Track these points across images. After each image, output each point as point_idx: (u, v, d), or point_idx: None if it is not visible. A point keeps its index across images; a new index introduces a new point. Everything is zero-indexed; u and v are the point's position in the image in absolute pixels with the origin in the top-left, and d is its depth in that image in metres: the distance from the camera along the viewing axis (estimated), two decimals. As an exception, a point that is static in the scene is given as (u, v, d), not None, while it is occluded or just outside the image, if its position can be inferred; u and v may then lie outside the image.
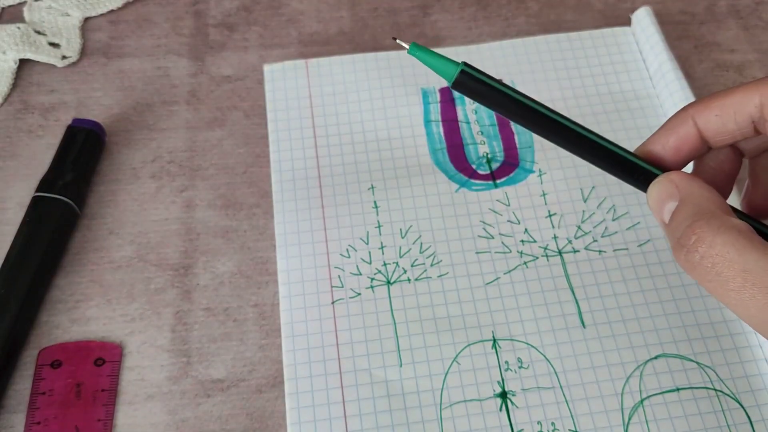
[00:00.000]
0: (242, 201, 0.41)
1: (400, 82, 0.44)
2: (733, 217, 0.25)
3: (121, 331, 0.37)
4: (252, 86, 0.45)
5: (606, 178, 0.41)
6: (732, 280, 0.24)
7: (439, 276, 0.38)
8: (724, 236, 0.25)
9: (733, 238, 0.24)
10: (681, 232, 0.26)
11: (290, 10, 0.49)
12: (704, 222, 0.25)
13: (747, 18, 0.48)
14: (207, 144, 0.43)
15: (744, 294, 0.24)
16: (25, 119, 0.44)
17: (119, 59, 0.46)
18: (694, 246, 0.25)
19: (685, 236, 0.26)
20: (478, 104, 0.44)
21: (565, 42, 0.46)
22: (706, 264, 0.25)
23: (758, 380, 0.36)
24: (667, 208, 0.27)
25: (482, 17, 0.48)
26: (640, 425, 0.34)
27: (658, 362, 0.36)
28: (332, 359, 0.36)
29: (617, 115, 0.44)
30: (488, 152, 0.42)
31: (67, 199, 0.39)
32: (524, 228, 0.40)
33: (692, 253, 0.25)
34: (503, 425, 0.35)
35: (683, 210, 0.26)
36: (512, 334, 0.37)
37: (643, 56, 0.45)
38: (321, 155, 0.42)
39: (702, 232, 0.25)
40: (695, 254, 0.25)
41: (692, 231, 0.25)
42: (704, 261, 0.25)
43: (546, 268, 0.39)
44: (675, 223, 0.26)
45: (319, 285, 0.38)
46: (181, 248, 0.40)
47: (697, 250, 0.25)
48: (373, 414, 0.35)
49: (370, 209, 0.41)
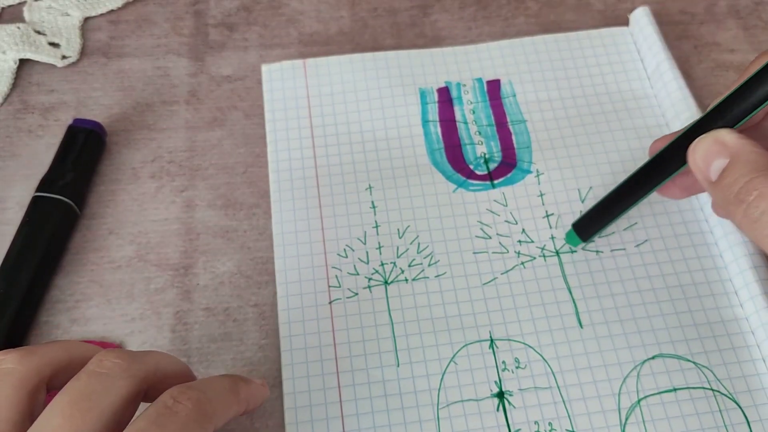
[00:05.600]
0: (242, 201, 0.41)
1: (397, 82, 0.44)
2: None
3: (121, 331, 0.38)
4: (252, 86, 0.45)
5: (603, 179, 0.41)
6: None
7: (437, 276, 0.38)
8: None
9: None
10: (738, 189, 0.26)
11: (290, 10, 0.49)
12: (764, 178, 0.25)
13: (747, 18, 0.48)
14: (207, 144, 0.43)
15: None
16: (25, 119, 0.44)
17: (119, 59, 0.46)
18: (755, 202, 0.25)
19: (744, 192, 0.26)
20: (476, 104, 0.44)
21: (564, 42, 0.46)
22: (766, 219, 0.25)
23: (755, 380, 0.36)
24: (715, 167, 0.27)
25: (482, 17, 0.48)
26: (637, 425, 0.34)
27: (655, 362, 0.36)
28: (329, 359, 0.36)
29: (615, 115, 0.44)
30: (486, 152, 0.42)
31: (67, 199, 0.39)
32: (521, 228, 0.40)
33: (753, 209, 0.25)
34: (500, 425, 0.35)
35: (737, 167, 0.26)
36: (509, 334, 0.37)
37: (641, 56, 0.45)
38: (319, 155, 0.42)
39: (764, 188, 0.25)
40: (755, 210, 0.25)
41: (753, 187, 0.25)
42: (765, 216, 0.25)
43: (543, 269, 0.39)
44: (729, 180, 0.26)
45: (316, 285, 0.38)
46: (181, 248, 0.40)
47: (758, 206, 0.25)
48: (370, 414, 0.35)
49: (367, 209, 0.41)
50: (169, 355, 0.30)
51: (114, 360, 0.27)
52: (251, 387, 0.31)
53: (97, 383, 0.26)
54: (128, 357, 0.28)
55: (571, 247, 0.39)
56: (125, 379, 0.27)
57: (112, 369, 0.27)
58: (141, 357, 0.28)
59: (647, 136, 0.43)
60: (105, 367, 0.27)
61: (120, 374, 0.27)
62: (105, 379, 0.27)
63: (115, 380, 0.27)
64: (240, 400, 0.30)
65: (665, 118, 0.43)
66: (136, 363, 0.28)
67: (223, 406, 0.28)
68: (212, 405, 0.27)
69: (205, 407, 0.27)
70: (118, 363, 0.27)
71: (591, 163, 0.42)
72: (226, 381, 0.30)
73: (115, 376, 0.27)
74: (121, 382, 0.27)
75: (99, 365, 0.27)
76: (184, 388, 0.27)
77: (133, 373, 0.27)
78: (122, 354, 0.28)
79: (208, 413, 0.27)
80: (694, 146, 0.29)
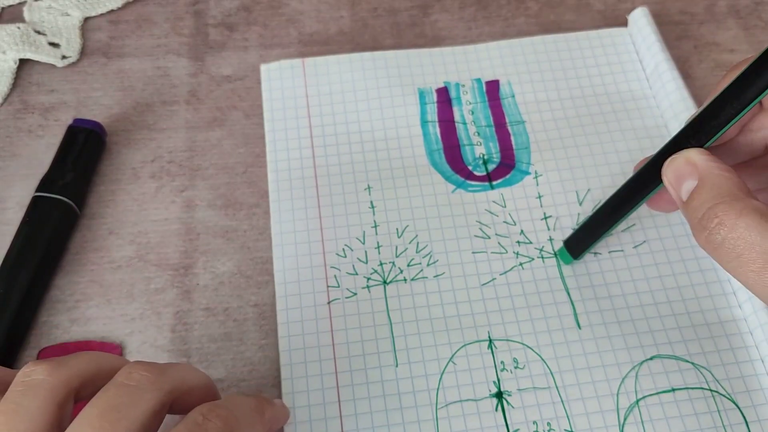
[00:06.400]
0: (242, 201, 0.41)
1: (396, 82, 0.44)
2: (754, 199, 0.25)
3: (121, 331, 0.38)
4: (252, 86, 0.45)
5: (601, 181, 0.41)
6: (753, 261, 0.24)
7: (436, 276, 0.39)
8: (746, 219, 0.25)
9: (756, 221, 0.24)
10: (702, 214, 0.26)
11: (290, 10, 0.49)
12: (726, 205, 0.25)
13: (747, 18, 0.48)
14: (207, 144, 0.43)
15: (765, 275, 0.24)
16: (25, 119, 0.44)
17: (119, 59, 0.46)
18: (716, 229, 0.25)
19: (706, 218, 0.26)
20: (475, 105, 0.44)
21: (563, 42, 0.46)
22: (727, 246, 0.25)
23: (754, 381, 0.36)
24: (685, 187, 0.27)
25: (482, 17, 0.48)
26: (636, 425, 0.34)
27: (653, 363, 0.36)
28: (328, 359, 0.36)
29: (614, 116, 0.44)
30: (484, 153, 0.42)
31: (67, 199, 0.39)
32: (520, 229, 0.40)
33: (714, 236, 0.25)
34: (499, 425, 0.35)
35: (703, 191, 0.26)
36: (508, 335, 0.37)
37: (640, 57, 0.45)
38: (318, 155, 0.42)
39: (724, 215, 0.25)
40: (717, 236, 0.25)
41: (714, 214, 0.25)
42: (726, 243, 0.25)
43: (542, 270, 0.39)
44: (695, 204, 0.27)
45: (315, 285, 0.38)
46: (181, 248, 0.40)
47: (719, 232, 0.25)
48: (368, 414, 0.35)
49: (366, 209, 0.41)
50: (193, 367, 0.30)
51: (142, 373, 0.27)
52: (275, 408, 0.32)
53: (126, 395, 0.27)
54: (156, 370, 0.28)
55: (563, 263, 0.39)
56: (153, 392, 0.27)
57: (140, 381, 0.27)
58: (168, 370, 0.29)
59: (646, 137, 0.43)
60: (133, 380, 0.27)
61: (148, 387, 0.27)
62: (133, 391, 0.27)
63: (143, 393, 0.27)
64: (264, 420, 0.30)
65: (664, 119, 0.43)
66: (164, 376, 0.28)
67: (249, 426, 0.29)
68: (239, 424, 0.28)
69: (233, 426, 0.27)
70: (146, 376, 0.27)
71: (589, 164, 0.42)
72: (252, 401, 0.30)
73: (143, 389, 0.27)
74: (149, 395, 0.27)
75: (128, 377, 0.27)
76: (212, 406, 0.28)
77: (160, 386, 0.28)
78: (150, 367, 0.28)
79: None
80: (666, 166, 0.29)
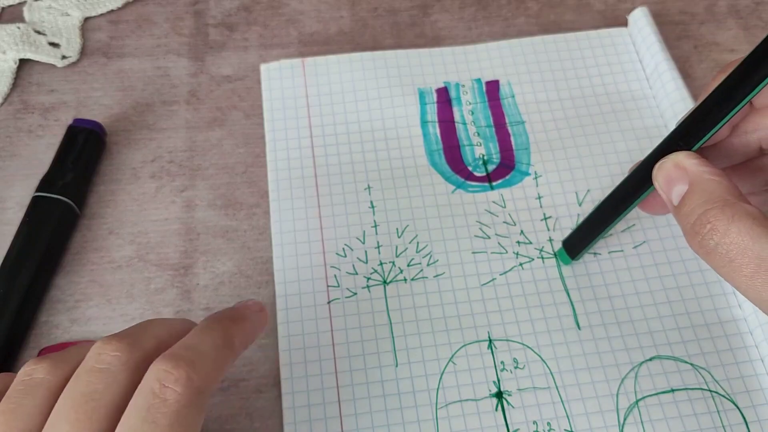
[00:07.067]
0: (242, 201, 0.41)
1: (396, 82, 0.44)
2: (745, 203, 0.25)
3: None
4: (252, 86, 0.45)
5: (601, 181, 0.41)
6: (746, 266, 0.24)
7: (436, 276, 0.39)
8: (738, 224, 0.25)
9: (748, 226, 0.24)
10: (694, 219, 0.26)
11: (290, 10, 0.49)
12: (718, 210, 0.25)
13: (747, 18, 0.48)
14: (207, 144, 0.43)
15: (757, 280, 0.24)
16: (25, 119, 0.44)
17: (119, 59, 0.46)
18: (709, 234, 0.25)
19: (698, 224, 0.26)
20: (475, 105, 0.44)
21: (562, 42, 0.46)
22: (720, 251, 0.25)
23: (754, 381, 0.36)
24: (676, 192, 0.27)
25: (482, 17, 0.48)
26: (636, 426, 0.34)
27: (653, 364, 0.36)
28: (328, 359, 0.36)
29: (613, 116, 0.44)
30: (484, 154, 0.42)
31: (67, 199, 0.39)
32: (520, 230, 0.40)
33: (707, 241, 0.25)
34: (499, 425, 0.35)
35: (694, 196, 0.26)
36: (508, 335, 0.37)
37: (640, 57, 0.45)
38: (317, 155, 0.42)
39: (716, 221, 0.25)
40: (710, 242, 0.25)
41: (706, 219, 0.25)
42: (719, 248, 0.25)
43: (541, 270, 0.39)
44: (687, 209, 0.26)
45: (315, 284, 0.38)
46: (181, 248, 0.40)
47: (711, 238, 0.25)
48: (368, 414, 0.35)
49: (366, 209, 0.41)
50: (166, 320, 0.29)
51: (113, 353, 0.26)
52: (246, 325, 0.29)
53: (98, 381, 0.25)
54: (127, 346, 0.26)
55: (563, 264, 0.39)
56: (125, 372, 0.26)
57: (111, 363, 0.26)
58: (140, 338, 0.27)
59: (646, 138, 0.43)
60: (104, 362, 0.26)
61: (119, 367, 0.26)
62: (106, 375, 0.25)
63: (116, 374, 0.26)
64: (235, 349, 0.28)
65: (664, 119, 0.43)
66: (135, 347, 0.26)
67: (216, 369, 0.27)
68: (204, 375, 0.26)
69: (195, 384, 0.25)
70: (116, 356, 0.26)
71: (589, 165, 0.42)
72: (219, 337, 0.28)
73: (115, 370, 0.26)
74: (122, 375, 0.26)
75: (98, 360, 0.26)
76: (170, 366, 0.25)
77: (134, 362, 0.26)
78: (120, 344, 0.26)
79: (201, 388, 0.26)
80: (656, 170, 0.29)
